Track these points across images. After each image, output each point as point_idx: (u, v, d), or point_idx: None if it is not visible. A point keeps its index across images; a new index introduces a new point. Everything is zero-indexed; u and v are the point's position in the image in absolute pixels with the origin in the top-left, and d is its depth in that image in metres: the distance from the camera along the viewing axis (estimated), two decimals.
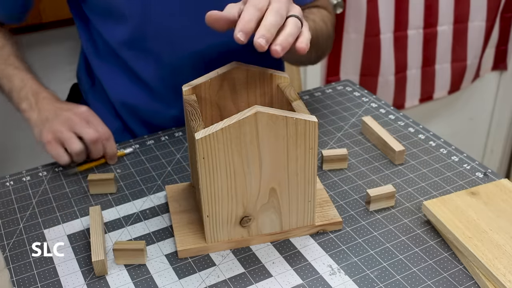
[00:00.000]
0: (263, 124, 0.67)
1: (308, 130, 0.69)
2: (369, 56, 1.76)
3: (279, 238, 0.77)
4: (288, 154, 0.70)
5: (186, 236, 0.76)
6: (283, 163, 0.70)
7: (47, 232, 0.80)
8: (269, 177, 0.71)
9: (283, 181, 0.72)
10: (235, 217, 0.73)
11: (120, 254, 0.73)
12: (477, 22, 1.85)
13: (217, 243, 0.75)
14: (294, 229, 0.76)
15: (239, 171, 0.69)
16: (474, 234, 0.72)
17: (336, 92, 1.13)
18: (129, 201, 0.85)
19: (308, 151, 0.70)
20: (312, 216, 0.76)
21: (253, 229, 0.75)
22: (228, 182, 0.70)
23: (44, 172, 0.93)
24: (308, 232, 0.77)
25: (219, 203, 0.71)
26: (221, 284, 0.70)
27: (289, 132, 0.68)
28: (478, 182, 0.86)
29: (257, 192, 0.72)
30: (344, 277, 0.71)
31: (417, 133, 0.98)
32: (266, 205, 0.73)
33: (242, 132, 0.67)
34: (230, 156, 0.68)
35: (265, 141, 0.68)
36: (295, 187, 0.73)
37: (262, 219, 0.74)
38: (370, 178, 0.88)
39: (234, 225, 0.74)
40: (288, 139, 0.69)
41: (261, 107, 0.67)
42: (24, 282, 0.72)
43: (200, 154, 0.67)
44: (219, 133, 0.66)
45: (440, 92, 1.96)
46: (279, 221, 0.75)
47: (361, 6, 1.67)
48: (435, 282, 0.69)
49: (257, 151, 0.68)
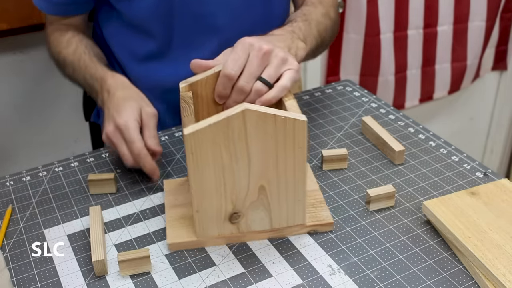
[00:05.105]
0: (251, 121, 0.67)
1: (297, 129, 0.69)
2: (369, 56, 1.76)
3: (269, 236, 0.77)
4: (277, 152, 0.70)
5: (177, 230, 0.76)
6: (272, 161, 0.70)
7: (47, 232, 0.80)
8: (258, 175, 0.71)
9: (273, 179, 0.72)
10: (225, 213, 0.73)
11: (126, 265, 0.71)
12: (477, 22, 1.85)
13: (207, 238, 0.75)
14: (285, 228, 0.76)
15: (228, 168, 0.70)
16: (474, 234, 0.72)
17: (336, 92, 1.13)
18: (129, 201, 0.85)
19: (297, 150, 0.70)
20: (302, 216, 0.76)
21: (243, 225, 0.75)
22: (217, 178, 0.70)
23: (44, 172, 0.93)
24: (299, 231, 0.77)
25: (208, 199, 0.72)
26: (221, 284, 0.70)
27: (278, 130, 0.68)
28: (478, 182, 0.86)
29: (246, 189, 0.72)
30: (344, 277, 0.71)
31: (417, 133, 0.98)
32: (255, 203, 0.73)
33: (230, 129, 0.67)
34: (219, 152, 0.68)
35: (253, 138, 0.68)
36: (284, 185, 0.72)
37: (251, 216, 0.74)
38: (370, 178, 0.88)
39: (224, 221, 0.74)
40: (277, 138, 0.69)
41: (250, 105, 0.67)
42: (24, 282, 0.72)
43: (188, 149, 0.68)
44: (207, 129, 0.66)
45: (440, 92, 1.96)
46: (268, 219, 0.75)
47: (361, 6, 1.67)
48: (435, 282, 0.69)
49: (246, 148, 0.69)
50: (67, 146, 1.73)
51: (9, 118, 1.62)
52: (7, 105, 1.61)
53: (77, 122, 1.72)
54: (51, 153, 1.69)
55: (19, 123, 1.65)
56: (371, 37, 1.73)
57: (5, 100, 1.60)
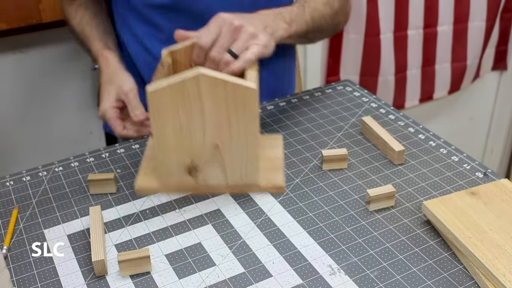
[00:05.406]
0: (205, 85, 0.74)
1: (248, 96, 0.75)
2: (369, 56, 1.76)
3: (225, 192, 0.84)
4: (229, 115, 0.77)
5: (146, 179, 0.84)
6: (225, 123, 0.77)
7: (47, 232, 0.80)
8: (212, 134, 0.78)
9: (226, 139, 0.79)
10: (183, 167, 0.81)
11: (126, 265, 0.71)
12: (477, 22, 1.85)
13: (170, 188, 0.83)
14: (239, 186, 0.83)
15: (185, 126, 0.77)
16: (474, 234, 0.72)
17: (336, 92, 1.13)
18: (129, 201, 0.85)
19: (248, 115, 0.77)
20: (255, 177, 0.83)
21: (201, 179, 0.82)
22: (176, 134, 0.78)
23: (44, 172, 0.93)
24: (251, 190, 0.84)
25: (169, 153, 0.80)
26: (221, 284, 0.70)
27: (228, 95, 0.75)
28: (478, 182, 0.86)
29: (202, 146, 0.79)
30: (344, 277, 0.71)
31: (417, 133, 0.98)
32: (211, 159, 0.80)
33: (186, 91, 0.74)
34: (177, 111, 0.76)
35: (207, 101, 0.75)
36: (236, 147, 0.79)
37: (208, 171, 0.81)
38: (370, 178, 0.88)
39: (184, 174, 0.82)
40: (228, 102, 0.75)
41: (205, 70, 0.74)
42: (24, 282, 0.72)
43: (150, 107, 0.75)
44: (166, 89, 0.74)
45: (440, 92, 1.96)
46: (223, 176, 0.82)
47: (361, 6, 1.67)
48: (435, 282, 0.69)
49: (200, 109, 0.76)
50: (67, 146, 1.73)
51: (9, 118, 1.62)
52: (7, 105, 1.61)
53: (77, 122, 1.73)
54: (51, 153, 1.69)
55: (19, 123, 1.65)
56: (371, 37, 1.73)
57: (5, 100, 1.60)
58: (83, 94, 1.69)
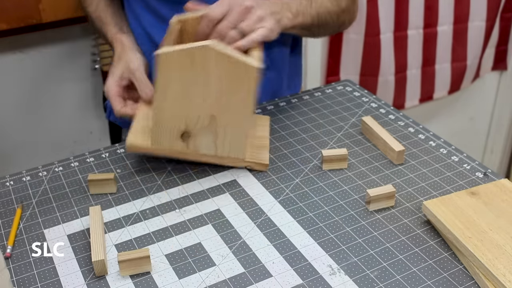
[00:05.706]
0: (211, 57, 0.77)
1: (249, 73, 0.79)
2: (369, 56, 1.76)
3: (211, 161, 0.88)
4: (230, 89, 0.80)
5: (137, 137, 0.86)
6: (225, 97, 0.81)
7: (47, 232, 0.80)
8: (211, 104, 0.82)
9: (223, 112, 0.82)
10: (177, 131, 0.84)
11: (126, 265, 0.71)
12: (477, 22, 1.85)
13: (160, 149, 0.86)
14: (226, 158, 0.87)
15: (188, 92, 0.80)
16: (474, 234, 0.72)
17: (336, 92, 1.13)
18: (129, 201, 0.85)
19: (246, 91, 0.81)
20: (243, 151, 0.87)
21: (191, 145, 0.85)
22: (177, 98, 0.81)
23: (44, 172, 0.93)
24: (237, 164, 0.88)
25: (166, 115, 0.82)
26: (221, 284, 0.70)
27: (231, 70, 0.79)
28: (478, 182, 0.86)
29: (199, 114, 0.82)
30: (344, 277, 0.71)
31: (417, 133, 0.98)
32: (205, 129, 0.84)
33: (193, 59, 0.78)
34: (182, 76, 0.79)
35: (211, 72, 0.79)
36: (232, 120, 0.83)
37: (200, 139, 0.85)
38: (370, 178, 0.88)
39: (176, 137, 0.84)
40: (231, 76, 0.79)
41: (214, 43, 0.77)
42: (24, 282, 0.72)
43: (159, 68, 0.78)
44: (175, 53, 0.77)
45: (440, 92, 1.96)
46: (214, 146, 0.86)
47: (361, 6, 1.67)
48: (435, 282, 0.69)
49: (204, 79, 0.79)
50: (67, 146, 1.73)
51: (9, 118, 1.62)
52: (7, 105, 1.61)
53: (77, 122, 1.73)
54: (51, 153, 1.69)
55: (19, 123, 1.65)
56: (371, 37, 1.73)
57: (5, 100, 1.60)
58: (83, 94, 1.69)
